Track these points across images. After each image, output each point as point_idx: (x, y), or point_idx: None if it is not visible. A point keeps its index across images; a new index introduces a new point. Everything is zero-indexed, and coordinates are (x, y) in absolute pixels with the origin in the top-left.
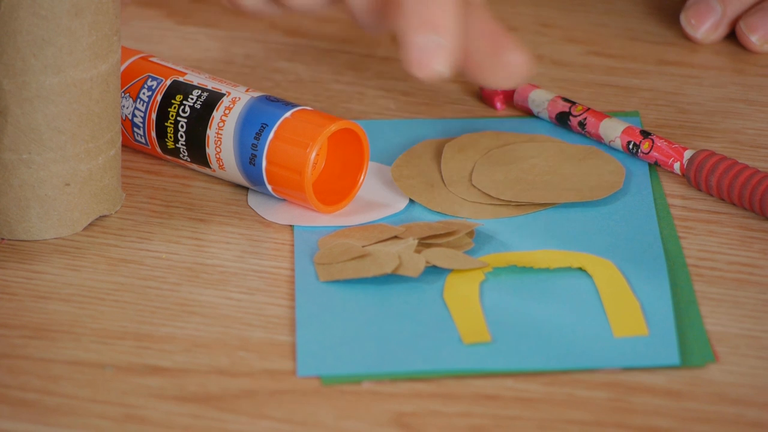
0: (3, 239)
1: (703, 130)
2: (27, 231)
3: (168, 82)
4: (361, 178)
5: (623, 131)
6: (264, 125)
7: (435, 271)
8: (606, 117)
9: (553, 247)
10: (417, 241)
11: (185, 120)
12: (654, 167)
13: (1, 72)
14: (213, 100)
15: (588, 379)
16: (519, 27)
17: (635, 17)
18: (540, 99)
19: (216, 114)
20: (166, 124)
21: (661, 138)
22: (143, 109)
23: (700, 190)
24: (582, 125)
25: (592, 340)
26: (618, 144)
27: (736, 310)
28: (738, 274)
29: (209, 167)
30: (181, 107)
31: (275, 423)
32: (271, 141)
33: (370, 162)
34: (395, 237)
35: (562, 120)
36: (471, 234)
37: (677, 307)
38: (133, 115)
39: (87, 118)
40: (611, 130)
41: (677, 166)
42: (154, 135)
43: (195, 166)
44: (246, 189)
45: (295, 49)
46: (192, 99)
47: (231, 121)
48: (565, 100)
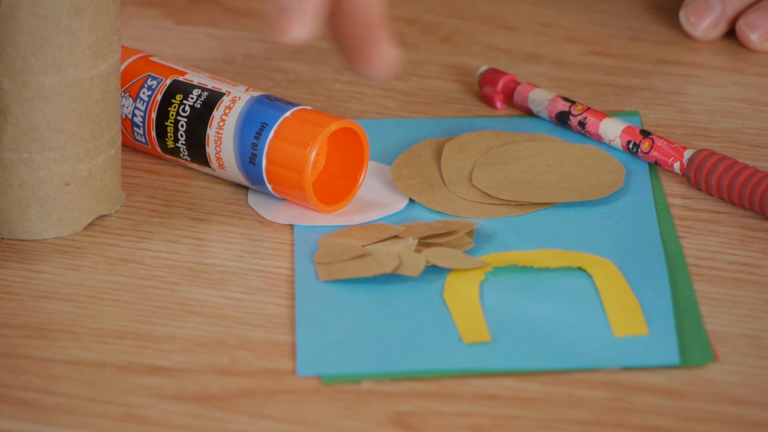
0: (3, 239)
1: (703, 129)
2: (27, 230)
3: (168, 81)
4: (361, 177)
5: (623, 131)
6: (264, 125)
7: (435, 271)
8: (606, 116)
9: (553, 247)
10: (417, 241)
11: (185, 119)
12: (654, 167)
13: (1, 71)
14: (213, 99)
15: (588, 379)
16: (519, 26)
17: (635, 17)
18: (540, 98)
19: (216, 113)
20: (166, 123)
21: (661, 137)
22: (143, 109)
23: (699, 189)
24: (582, 125)
25: (591, 339)
26: (618, 143)
27: (736, 309)
28: (738, 273)
29: (209, 167)
30: (181, 107)
31: (275, 422)
32: (271, 140)
33: (370, 161)
34: (395, 236)
35: (562, 119)
36: (471, 233)
37: (677, 307)
38: (133, 115)
39: (87, 117)
40: (611, 129)
41: (677, 165)
42: (154, 134)
43: (195, 165)
44: (246, 188)
45: (295, 49)
46: (192, 98)
47: (231, 121)
48: (565, 99)
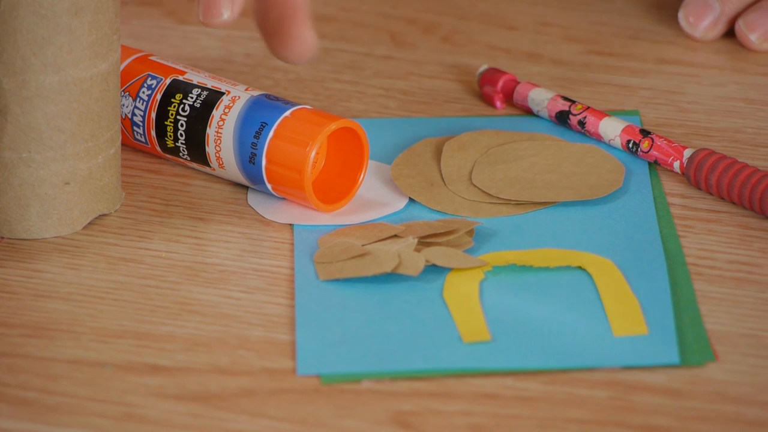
0: (3, 238)
1: (703, 128)
2: (27, 230)
3: (168, 80)
4: (361, 176)
5: (623, 130)
6: (264, 124)
7: (435, 270)
8: (606, 116)
9: (553, 246)
10: (417, 240)
11: (185, 119)
12: (654, 166)
13: (1, 71)
14: (213, 98)
15: (588, 378)
16: (518, 26)
17: (635, 16)
18: (540, 98)
19: (216, 113)
20: (165, 122)
21: (661, 137)
22: (143, 108)
23: (699, 188)
24: (582, 124)
25: (591, 339)
26: (618, 143)
27: (735, 308)
28: (737, 272)
29: (209, 166)
30: (181, 106)
31: (275, 422)
32: (271, 140)
33: (369, 161)
34: (395, 236)
35: (561, 119)
36: (471, 233)
37: (677, 306)
38: (133, 114)
39: (87, 116)
40: (611, 128)
41: (677, 164)
42: (153, 134)
43: (195, 164)
44: (246, 188)
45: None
46: (192, 98)
47: (231, 120)
48: (565, 98)
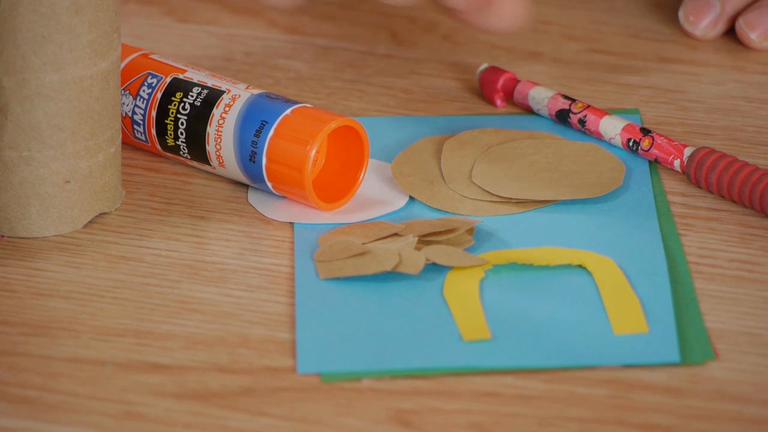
0: (3, 236)
1: (703, 127)
2: (27, 228)
3: (168, 79)
4: (361, 175)
5: (623, 128)
6: (264, 122)
7: (435, 269)
8: (606, 114)
9: (553, 245)
10: (417, 239)
11: (185, 117)
12: (654, 164)
13: (1, 69)
14: (213, 97)
15: (588, 377)
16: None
17: (635, 14)
18: (540, 96)
19: (216, 111)
20: (166, 121)
21: (661, 135)
22: (143, 107)
23: (700, 187)
24: (582, 122)
25: (592, 337)
26: (618, 141)
27: (736, 307)
28: (738, 271)
29: (209, 164)
30: (181, 104)
31: (275, 420)
32: (271, 138)
33: (370, 159)
34: (395, 234)
35: (562, 117)
36: (471, 231)
37: (677, 305)
38: (133, 113)
39: (87, 115)
40: (611, 127)
41: (677, 163)
42: (154, 132)
43: (195, 163)
44: (246, 186)
45: (295, 47)
46: (192, 96)
47: (231, 119)
48: (565, 97)
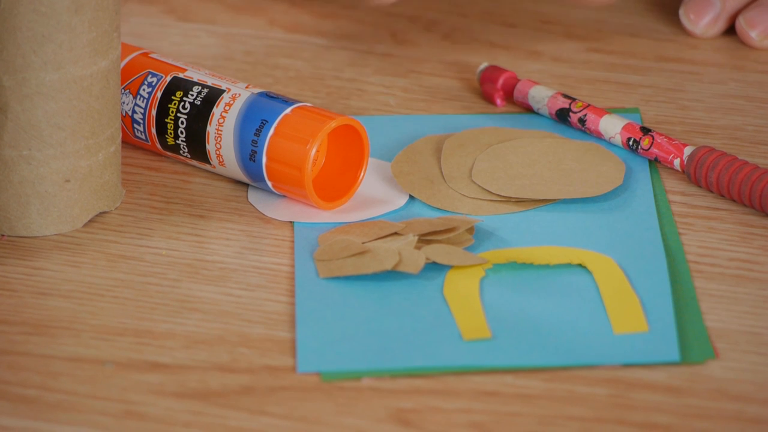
0: (3, 235)
1: (703, 126)
2: (27, 227)
3: (168, 78)
4: (361, 174)
5: (623, 128)
6: (264, 121)
7: (435, 268)
8: (606, 113)
9: (553, 244)
10: (417, 238)
11: (185, 116)
12: (654, 164)
13: (1, 68)
14: (213, 96)
15: (588, 376)
16: (519, 23)
17: (635, 14)
18: (540, 95)
19: (216, 110)
20: (166, 120)
21: (661, 134)
22: (143, 106)
23: (700, 186)
24: (582, 122)
25: (592, 336)
26: (618, 140)
27: (736, 306)
28: (738, 270)
29: (209, 163)
30: (181, 103)
31: (275, 419)
32: (271, 137)
33: (370, 158)
34: (395, 233)
35: (562, 116)
36: (471, 230)
37: (677, 304)
38: (133, 112)
39: (87, 114)
40: (611, 126)
41: (677, 162)
42: (154, 131)
43: (195, 162)
44: (246, 185)
45: (295, 46)
46: (192, 95)
47: (231, 118)
48: (565, 96)
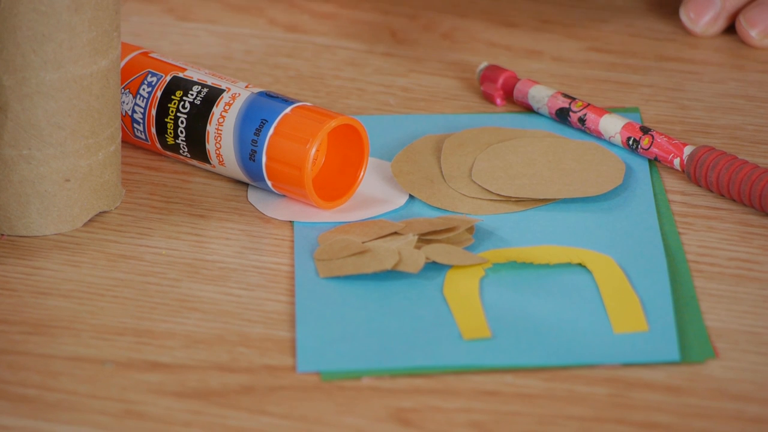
0: (3, 235)
1: (703, 126)
2: (27, 227)
3: (168, 77)
4: (361, 174)
5: (623, 127)
6: (264, 121)
7: (435, 267)
8: (606, 113)
9: (553, 243)
10: (417, 237)
11: (185, 116)
12: (654, 163)
13: (1, 68)
14: (213, 95)
15: (588, 375)
16: (519, 23)
17: (635, 13)
18: (540, 95)
19: (216, 110)
20: (166, 119)
21: (661, 134)
22: (143, 105)
23: (699, 185)
24: (582, 121)
25: (591, 335)
26: (618, 140)
27: (735, 305)
28: (738, 270)
29: (209, 163)
30: (181, 103)
31: (275, 418)
32: (271, 137)
33: (369, 158)
34: (395, 233)
35: (562, 116)
36: (471, 230)
37: (677, 303)
38: (133, 111)
39: (87, 114)
40: (611, 126)
41: (677, 162)
42: (154, 131)
43: (195, 161)
44: (246, 185)
45: (295, 45)
46: (192, 95)
47: (231, 117)
48: (565, 96)
